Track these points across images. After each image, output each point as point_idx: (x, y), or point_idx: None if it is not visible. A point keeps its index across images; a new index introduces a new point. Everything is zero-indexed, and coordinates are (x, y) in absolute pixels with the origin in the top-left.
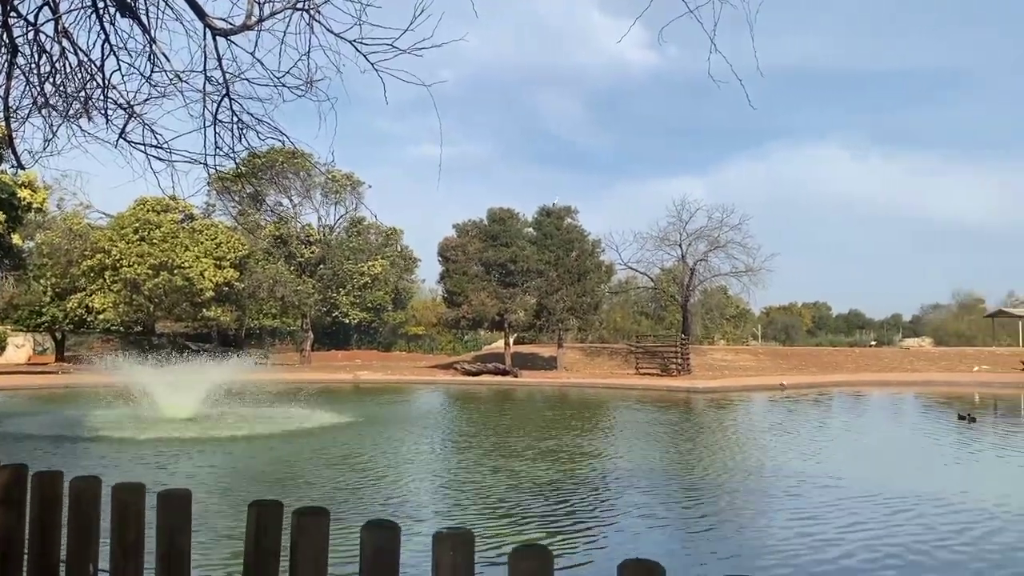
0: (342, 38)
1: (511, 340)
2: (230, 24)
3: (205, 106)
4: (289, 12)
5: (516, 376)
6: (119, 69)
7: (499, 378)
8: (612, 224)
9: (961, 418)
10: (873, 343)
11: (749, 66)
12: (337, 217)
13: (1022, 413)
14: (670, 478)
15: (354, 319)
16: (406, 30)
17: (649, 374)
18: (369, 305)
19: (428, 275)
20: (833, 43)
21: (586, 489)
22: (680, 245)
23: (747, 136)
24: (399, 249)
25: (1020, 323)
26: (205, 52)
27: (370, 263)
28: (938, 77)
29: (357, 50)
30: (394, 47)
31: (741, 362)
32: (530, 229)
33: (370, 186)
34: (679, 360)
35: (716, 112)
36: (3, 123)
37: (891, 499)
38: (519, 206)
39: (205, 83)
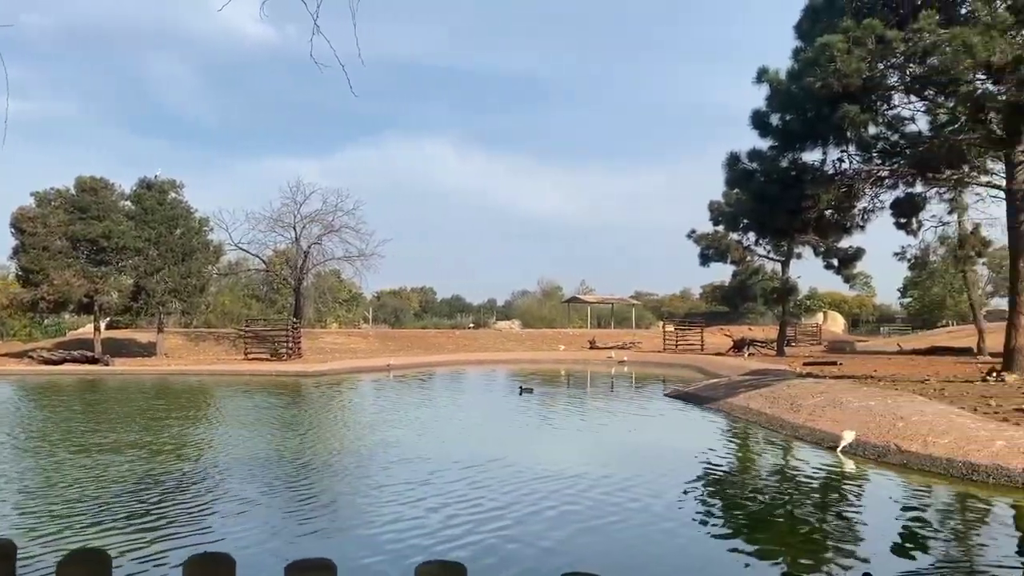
0: None
1: (102, 325)
2: None
3: None
4: None
5: (108, 364)
6: None
7: (87, 367)
8: (224, 202)
9: (522, 391)
10: (471, 326)
11: (366, 54)
12: None
13: (588, 385)
14: (275, 465)
15: None
16: None
17: (258, 359)
18: None
19: None
20: (447, 41)
21: (180, 484)
22: (294, 227)
23: (365, 123)
24: None
25: (589, 308)
26: None
27: None
28: (532, 84)
29: None
30: None
31: (352, 345)
32: (128, 203)
33: None
34: (290, 344)
35: (336, 96)
36: None
37: (482, 465)
38: (115, 176)
39: None
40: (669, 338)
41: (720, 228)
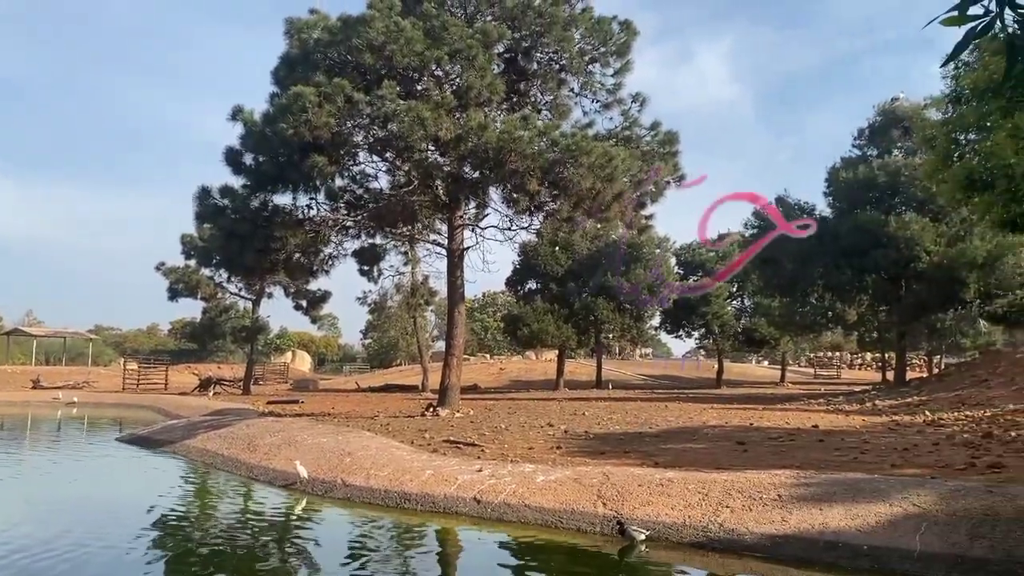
0: None
1: None
2: None
3: None
4: None
5: None
6: None
7: None
8: None
9: None
10: None
11: None
12: None
13: (27, 432)
14: None
15: None
16: None
17: None
18: None
19: None
20: None
21: None
22: None
23: None
24: None
25: (36, 342)
26: None
27: None
28: None
29: None
30: None
31: None
32: None
33: None
34: None
35: None
36: None
37: None
38: None
39: None
40: (130, 377)
41: (192, 262)
